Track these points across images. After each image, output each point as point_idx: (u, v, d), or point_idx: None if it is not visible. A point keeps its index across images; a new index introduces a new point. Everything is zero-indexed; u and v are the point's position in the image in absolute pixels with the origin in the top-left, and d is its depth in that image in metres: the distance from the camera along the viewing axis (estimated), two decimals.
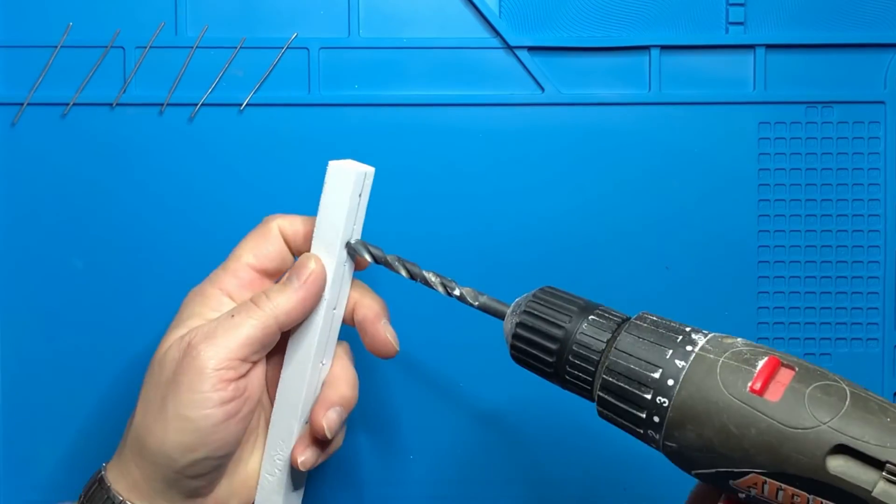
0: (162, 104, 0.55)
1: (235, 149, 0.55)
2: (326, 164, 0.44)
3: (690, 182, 0.55)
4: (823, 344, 0.55)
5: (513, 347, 0.40)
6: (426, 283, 0.44)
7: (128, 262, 0.55)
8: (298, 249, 0.46)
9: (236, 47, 0.55)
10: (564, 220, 0.55)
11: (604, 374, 0.37)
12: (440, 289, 0.44)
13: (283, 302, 0.43)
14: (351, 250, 0.44)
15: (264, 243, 0.46)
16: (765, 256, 0.55)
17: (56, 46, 0.54)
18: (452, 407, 0.55)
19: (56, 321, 0.55)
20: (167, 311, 0.54)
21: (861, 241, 0.55)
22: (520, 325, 0.40)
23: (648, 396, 0.35)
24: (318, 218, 0.44)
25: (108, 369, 0.55)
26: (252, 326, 0.42)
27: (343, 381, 0.46)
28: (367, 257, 0.44)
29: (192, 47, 0.54)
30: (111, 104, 0.55)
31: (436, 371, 0.55)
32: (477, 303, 0.43)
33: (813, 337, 0.55)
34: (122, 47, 0.54)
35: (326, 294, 0.44)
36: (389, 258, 0.44)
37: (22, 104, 0.54)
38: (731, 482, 0.34)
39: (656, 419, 0.35)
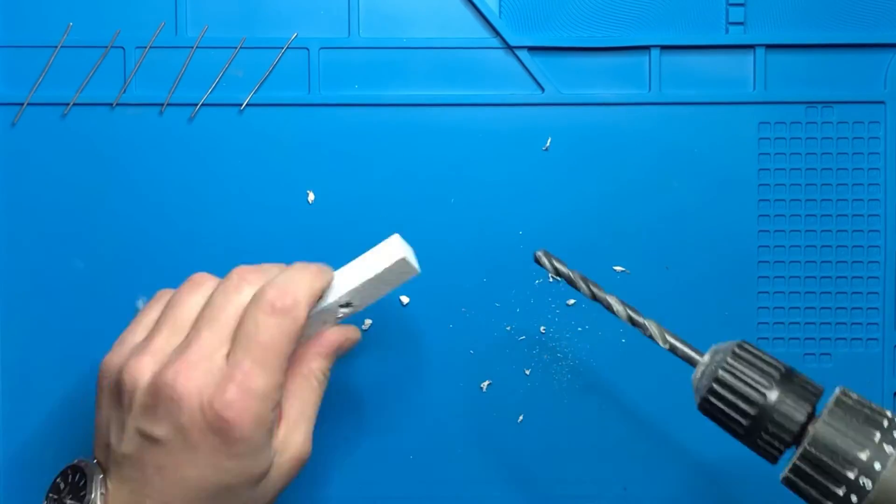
0: (162, 104, 0.55)
1: (235, 149, 0.55)
2: (390, 235, 0.45)
3: (690, 182, 0.55)
4: (823, 344, 0.55)
5: (706, 401, 0.40)
6: (609, 307, 0.43)
7: (128, 263, 0.55)
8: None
9: (236, 47, 0.55)
10: (564, 220, 0.55)
11: (808, 444, 0.37)
12: (623, 317, 0.43)
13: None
14: (350, 309, 0.45)
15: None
16: (765, 256, 0.55)
17: (56, 46, 0.54)
18: (446, 406, 0.55)
19: (56, 321, 0.55)
20: None
21: (861, 241, 0.55)
22: (717, 381, 0.39)
23: (851, 475, 0.36)
24: (350, 265, 0.45)
25: None
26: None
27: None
28: (552, 270, 0.45)
29: (192, 47, 0.54)
30: (111, 104, 0.55)
31: (424, 373, 0.55)
32: (667, 345, 0.42)
33: (813, 337, 0.55)
34: (122, 47, 0.54)
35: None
36: (573, 274, 0.44)
37: (22, 104, 0.54)
38: None
39: (854, 498, 0.36)
